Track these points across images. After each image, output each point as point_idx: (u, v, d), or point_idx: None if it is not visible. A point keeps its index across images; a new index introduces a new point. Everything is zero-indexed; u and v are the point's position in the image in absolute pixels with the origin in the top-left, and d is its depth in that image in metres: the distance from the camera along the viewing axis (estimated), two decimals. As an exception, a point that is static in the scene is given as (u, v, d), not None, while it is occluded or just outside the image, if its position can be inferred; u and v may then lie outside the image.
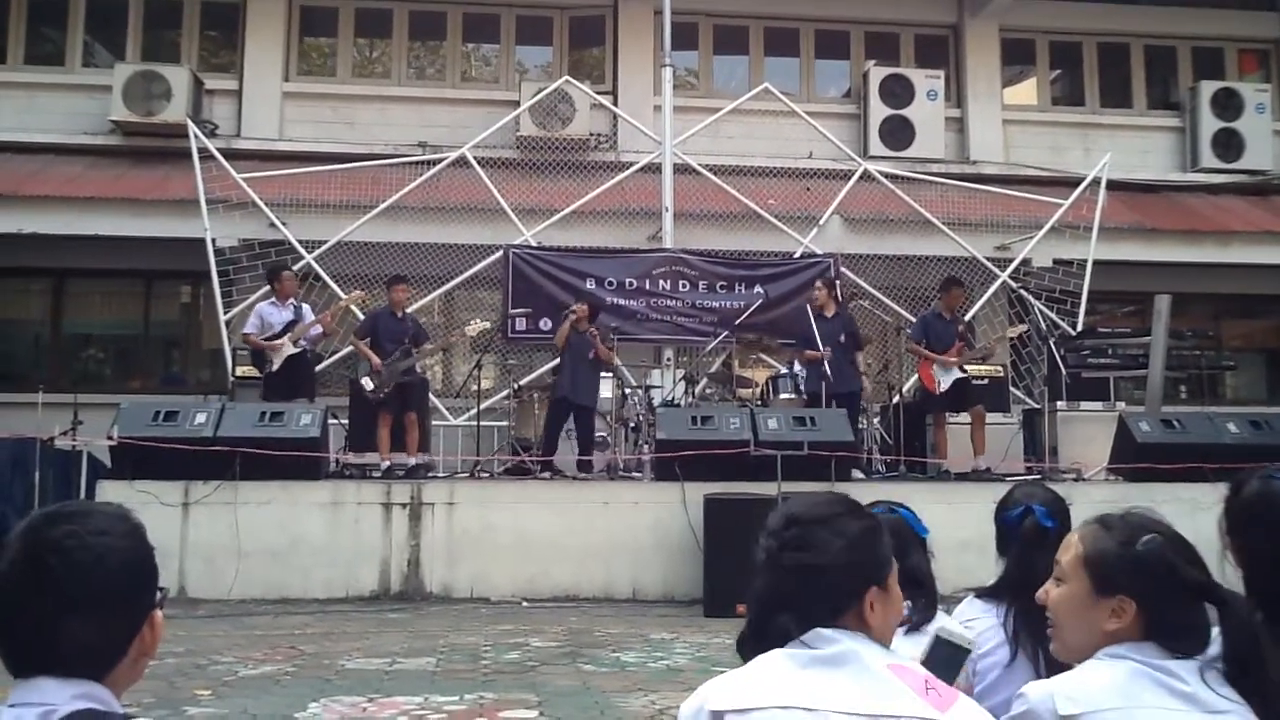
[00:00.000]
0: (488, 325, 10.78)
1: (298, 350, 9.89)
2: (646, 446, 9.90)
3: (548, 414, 10.00)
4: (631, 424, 10.41)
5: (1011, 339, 11.29)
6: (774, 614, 1.65)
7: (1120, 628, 1.76)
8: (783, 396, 10.40)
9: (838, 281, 11.11)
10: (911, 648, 2.42)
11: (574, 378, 9.89)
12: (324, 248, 11.53)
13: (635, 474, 9.88)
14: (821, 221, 12.32)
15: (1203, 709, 1.65)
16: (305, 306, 10.21)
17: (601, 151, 13.17)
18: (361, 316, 10.47)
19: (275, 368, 9.78)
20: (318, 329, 10.13)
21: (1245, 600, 1.76)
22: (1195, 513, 8.53)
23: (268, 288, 10.31)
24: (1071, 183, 12.88)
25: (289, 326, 9.86)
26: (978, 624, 2.62)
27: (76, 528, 1.42)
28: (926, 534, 2.69)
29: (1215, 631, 1.74)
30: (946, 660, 1.92)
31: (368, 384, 9.65)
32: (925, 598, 2.57)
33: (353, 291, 10.55)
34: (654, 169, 12.11)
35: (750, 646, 1.68)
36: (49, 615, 1.39)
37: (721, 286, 11.92)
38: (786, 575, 1.66)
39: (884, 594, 1.69)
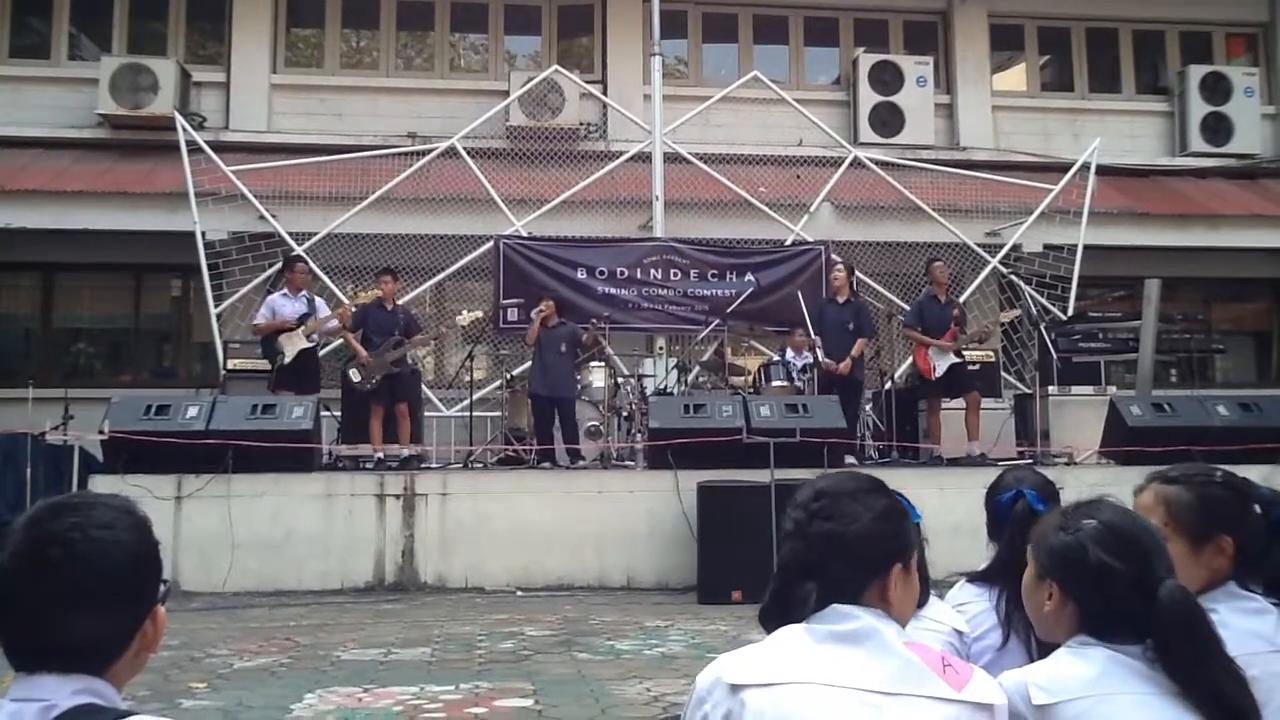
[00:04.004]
0: (479, 314, 10.78)
1: (311, 344, 9.87)
2: (639, 435, 9.91)
3: (533, 411, 10.02)
4: (624, 413, 10.42)
5: (1004, 324, 11.31)
6: (799, 583, 1.67)
7: (1052, 611, 1.79)
8: (775, 384, 10.42)
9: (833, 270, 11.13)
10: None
11: (545, 373, 9.89)
12: (314, 239, 11.50)
13: (628, 463, 9.90)
14: (812, 209, 12.33)
15: (1172, 690, 1.67)
16: (319, 300, 10.19)
17: (591, 141, 13.15)
18: None
19: (288, 360, 9.73)
20: (333, 323, 10.08)
21: (1179, 590, 1.73)
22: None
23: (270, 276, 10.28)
24: (1061, 168, 12.91)
25: (301, 320, 9.83)
26: (970, 608, 2.64)
27: (80, 520, 1.41)
28: (919, 519, 2.70)
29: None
30: None
31: (354, 375, 9.66)
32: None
33: (372, 290, 10.49)
34: (644, 158, 12.11)
35: (773, 617, 1.69)
36: (50, 608, 1.38)
37: (713, 275, 11.92)
38: (813, 544, 1.68)
39: (906, 575, 1.71)
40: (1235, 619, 1.96)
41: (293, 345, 9.74)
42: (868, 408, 10.91)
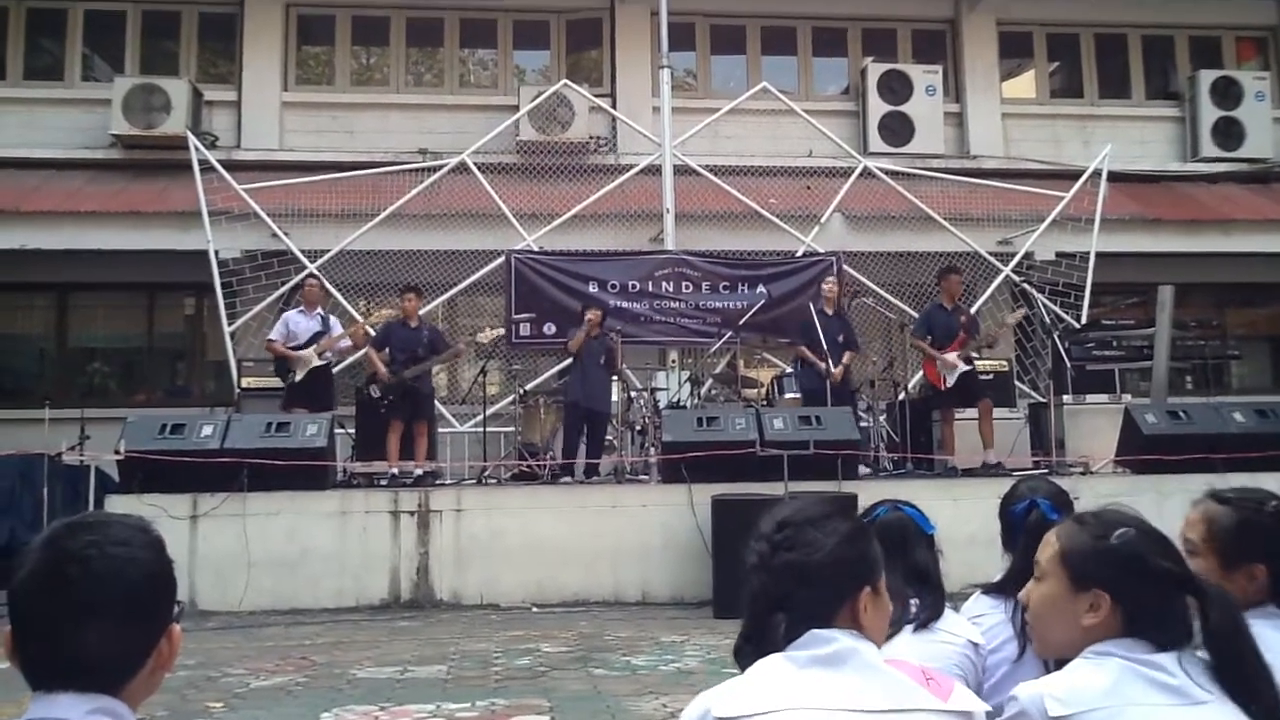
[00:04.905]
0: (501, 332, 10.79)
1: (323, 363, 9.88)
2: (653, 449, 9.90)
3: (565, 421, 9.99)
4: (637, 427, 10.41)
5: (1012, 325, 11.28)
6: (768, 615, 1.67)
7: (1097, 622, 1.76)
8: (788, 396, 10.39)
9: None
10: (919, 645, 2.43)
11: (587, 384, 9.89)
12: (326, 257, 11.54)
13: (642, 477, 9.89)
14: (823, 220, 12.33)
15: (1189, 700, 1.66)
16: (334, 319, 10.21)
17: (601, 154, 13.17)
18: None
19: (299, 378, 9.74)
20: (346, 342, 10.09)
21: (1224, 591, 1.76)
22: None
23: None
24: (1072, 175, 12.87)
25: (316, 337, 9.84)
26: (985, 620, 2.63)
27: (98, 538, 1.42)
28: (933, 530, 2.69)
29: None
30: None
31: (373, 392, 9.68)
32: (932, 594, 2.57)
33: (384, 310, 10.45)
34: (654, 171, 12.12)
35: (748, 652, 1.69)
36: (68, 625, 1.39)
37: (724, 287, 11.92)
38: (779, 576, 1.69)
39: (875, 597, 1.71)
40: (1266, 632, 1.93)
41: (303, 363, 9.77)
42: (882, 418, 10.88)
